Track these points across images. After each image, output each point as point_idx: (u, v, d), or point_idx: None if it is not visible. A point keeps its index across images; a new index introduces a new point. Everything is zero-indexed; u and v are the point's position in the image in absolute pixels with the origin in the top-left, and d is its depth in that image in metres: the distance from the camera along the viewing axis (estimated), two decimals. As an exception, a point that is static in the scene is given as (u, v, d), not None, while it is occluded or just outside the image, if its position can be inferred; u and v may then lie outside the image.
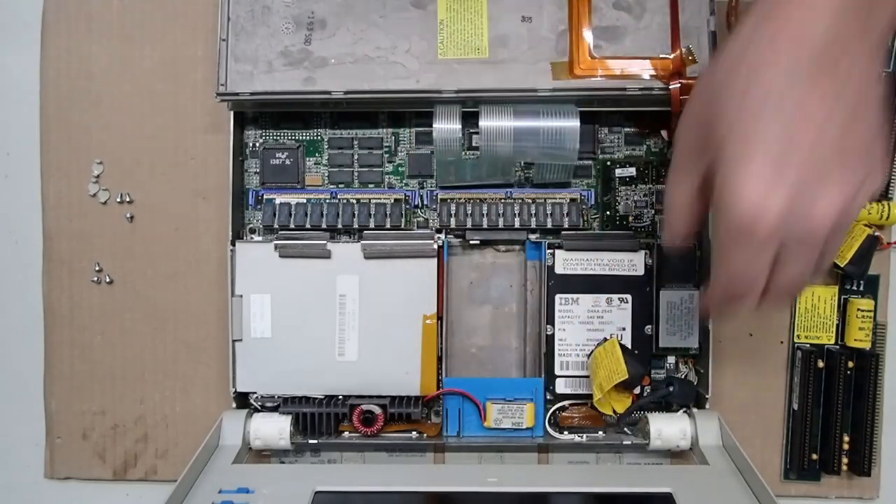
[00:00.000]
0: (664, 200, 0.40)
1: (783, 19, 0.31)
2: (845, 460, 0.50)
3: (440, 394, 0.49)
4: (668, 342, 0.49)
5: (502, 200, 0.50)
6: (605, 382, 0.46)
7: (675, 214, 0.37)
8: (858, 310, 0.49)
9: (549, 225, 0.49)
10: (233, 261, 0.48)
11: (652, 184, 0.50)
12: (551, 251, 0.49)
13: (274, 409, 0.49)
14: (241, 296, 0.48)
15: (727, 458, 0.47)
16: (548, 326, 0.48)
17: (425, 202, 0.50)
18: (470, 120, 0.47)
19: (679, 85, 0.45)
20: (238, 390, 0.49)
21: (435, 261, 0.48)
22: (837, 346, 0.51)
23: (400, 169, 0.51)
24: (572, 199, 0.50)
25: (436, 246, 0.48)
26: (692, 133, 0.35)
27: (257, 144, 0.51)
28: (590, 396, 0.48)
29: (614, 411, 0.48)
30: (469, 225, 0.49)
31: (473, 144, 0.50)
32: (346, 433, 0.49)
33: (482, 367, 0.51)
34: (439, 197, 0.50)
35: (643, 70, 0.46)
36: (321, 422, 0.49)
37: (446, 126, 0.46)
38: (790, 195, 0.30)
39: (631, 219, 0.50)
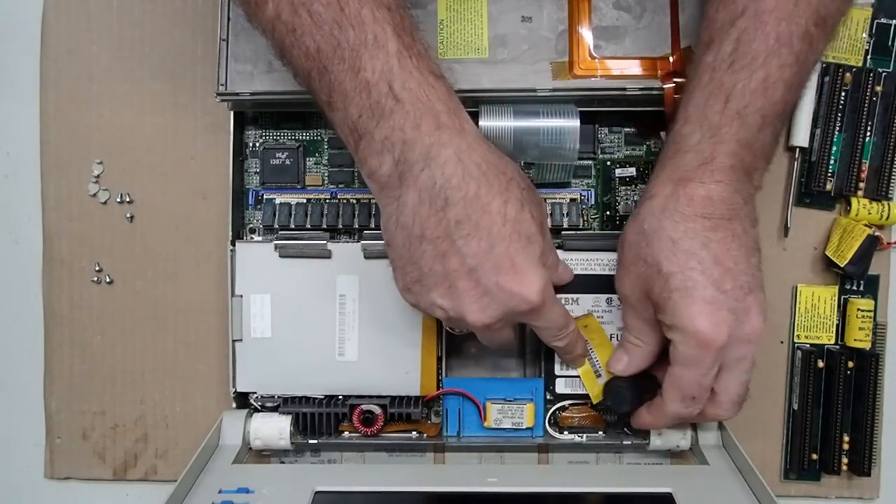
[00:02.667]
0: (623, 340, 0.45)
1: (696, 182, 0.39)
2: (845, 460, 0.50)
3: (440, 394, 0.49)
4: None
5: (502, 200, 0.49)
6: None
7: (633, 356, 0.44)
8: (858, 310, 0.49)
9: (550, 225, 0.49)
10: (233, 261, 0.48)
11: (652, 184, 0.50)
12: (551, 251, 0.49)
13: (274, 409, 0.49)
14: (241, 296, 0.48)
15: (727, 458, 0.47)
16: (548, 326, 0.48)
17: (425, 202, 0.50)
18: (470, 120, 0.47)
19: (673, 85, 0.45)
20: (238, 390, 0.49)
21: (435, 261, 0.48)
22: (837, 346, 0.51)
23: (400, 169, 0.51)
24: (572, 199, 0.50)
25: (436, 246, 0.48)
26: (636, 285, 0.41)
27: (257, 144, 0.51)
28: (589, 397, 0.48)
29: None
30: (469, 225, 0.49)
31: (473, 144, 0.50)
32: (346, 433, 0.49)
33: (482, 367, 0.51)
34: (439, 197, 0.50)
35: (643, 70, 0.46)
36: (321, 422, 0.49)
37: (446, 126, 0.46)
38: (729, 322, 0.39)
39: (631, 219, 0.50)
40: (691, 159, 0.39)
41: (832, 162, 0.50)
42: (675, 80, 0.45)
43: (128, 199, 0.52)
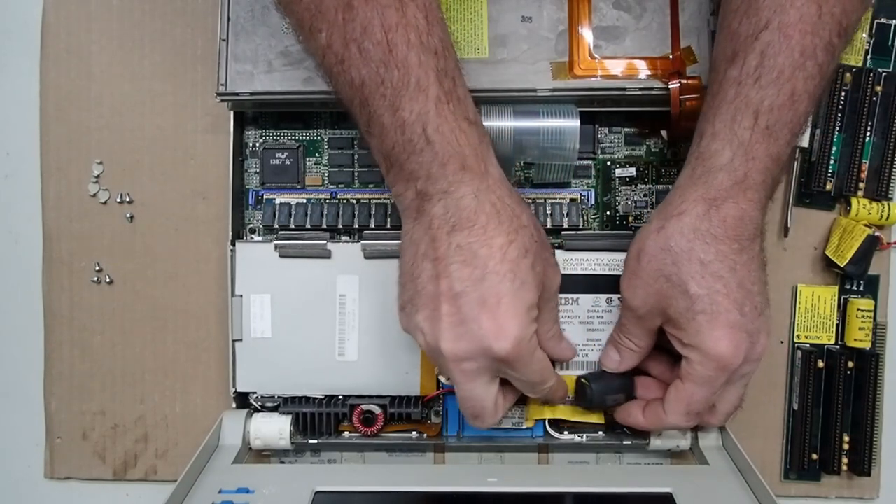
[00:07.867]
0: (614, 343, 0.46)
1: (731, 202, 0.39)
2: (845, 460, 0.50)
3: (440, 394, 0.49)
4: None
5: (502, 200, 0.49)
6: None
7: (625, 357, 0.46)
8: (858, 310, 0.49)
9: (549, 225, 0.49)
10: (233, 261, 0.48)
11: (652, 184, 0.50)
12: (551, 251, 0.48)
13: (274, 409, 0.49)
14: (241, 296, 0.48)
15: (727, 458, 0.47)
16: (548, 326, 0.48)
17: (425, 202, 0.50)
18: (470, 120, 0.47)
19: (678, 85, 0.45)
20: (238, 390, 0.49)
21: (435, 261, 0.48)
22: (837, 346, 0.51)
23: (400, 169, 0.51)
24: (572, 199, 0.50)
25: (436, 246, 0.48)
26: (650, 298, 0.41)
27: (257, 144, 0.51)
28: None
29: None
30: (469, 225, 0.49)
31: (473, 144, 0.49)
32: (346, 433, 0.49)
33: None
34: (439, 197, 0.50)
35: (643, 70, 0.46)
36: (321, 422, 0.49)
37: (446, 126, 0.46)
38: (745, 344, 0.40)
39: (631, 219, 0.50)
40: (724, 178, 0.39)
41: (832, 162, 0.50)
42: (679, 80, 0.45)
43: (128, 199, 0.52)
